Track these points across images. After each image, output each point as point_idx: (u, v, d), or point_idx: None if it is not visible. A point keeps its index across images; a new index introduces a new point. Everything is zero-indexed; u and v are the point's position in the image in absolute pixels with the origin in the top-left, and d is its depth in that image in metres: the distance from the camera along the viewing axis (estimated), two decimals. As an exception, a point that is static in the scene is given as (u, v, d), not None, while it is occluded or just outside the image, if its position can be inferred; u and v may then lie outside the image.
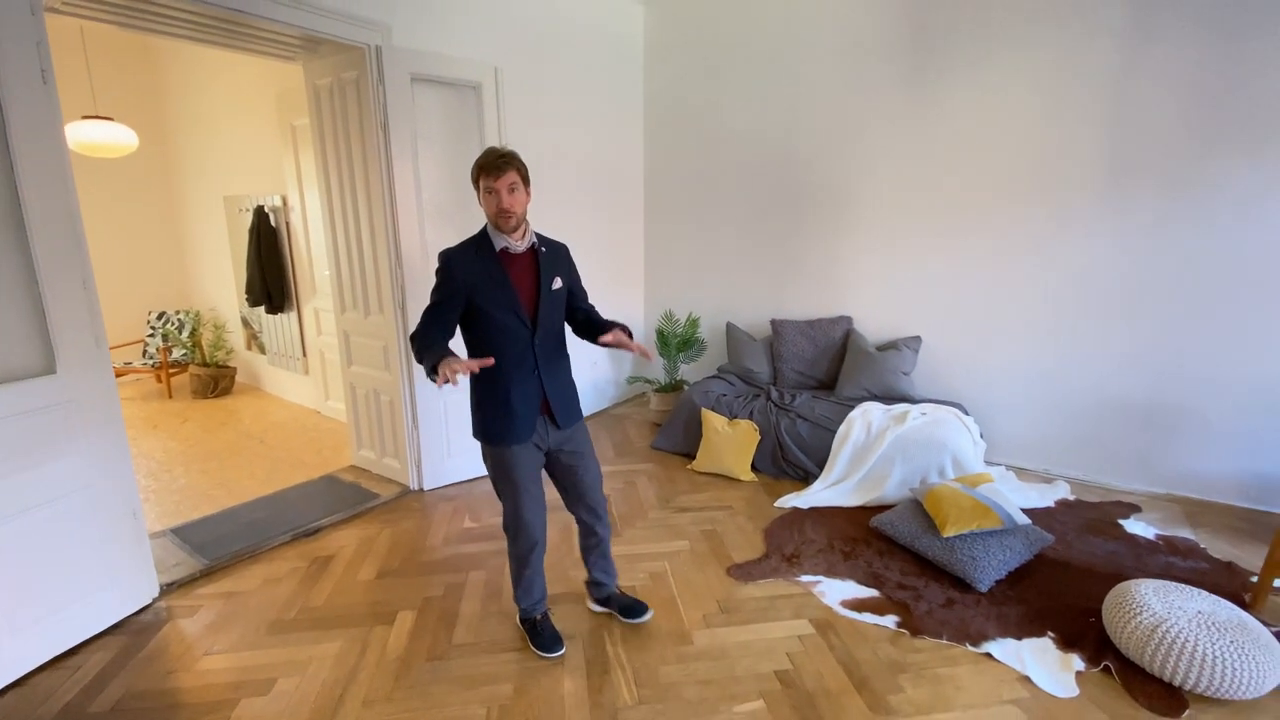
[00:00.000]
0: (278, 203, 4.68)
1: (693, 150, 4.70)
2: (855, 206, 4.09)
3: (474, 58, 3.37)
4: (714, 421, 3.70)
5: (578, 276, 2.18)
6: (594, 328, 2.09)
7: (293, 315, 4.90)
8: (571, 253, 2.17)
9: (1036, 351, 3.63)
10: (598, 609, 2.39)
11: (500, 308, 1.94)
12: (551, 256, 2.05)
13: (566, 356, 2.14)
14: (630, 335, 2.05)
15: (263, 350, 5.41)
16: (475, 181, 1.92)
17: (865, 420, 3.47)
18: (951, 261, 3.81)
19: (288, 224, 4.69)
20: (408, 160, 3.14)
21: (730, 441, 3.61)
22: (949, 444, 3.23)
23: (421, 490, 3.51)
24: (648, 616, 2.30)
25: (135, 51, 5.53)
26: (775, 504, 3.32)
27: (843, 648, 2.21)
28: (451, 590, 2.58)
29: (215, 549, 2.86)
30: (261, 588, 2.60)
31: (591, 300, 2.26)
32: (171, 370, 5.41)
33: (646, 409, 4.85)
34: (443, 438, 3.51)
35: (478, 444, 3.69)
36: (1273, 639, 1.98)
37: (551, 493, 2.25)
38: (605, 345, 1.99)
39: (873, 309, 4.15)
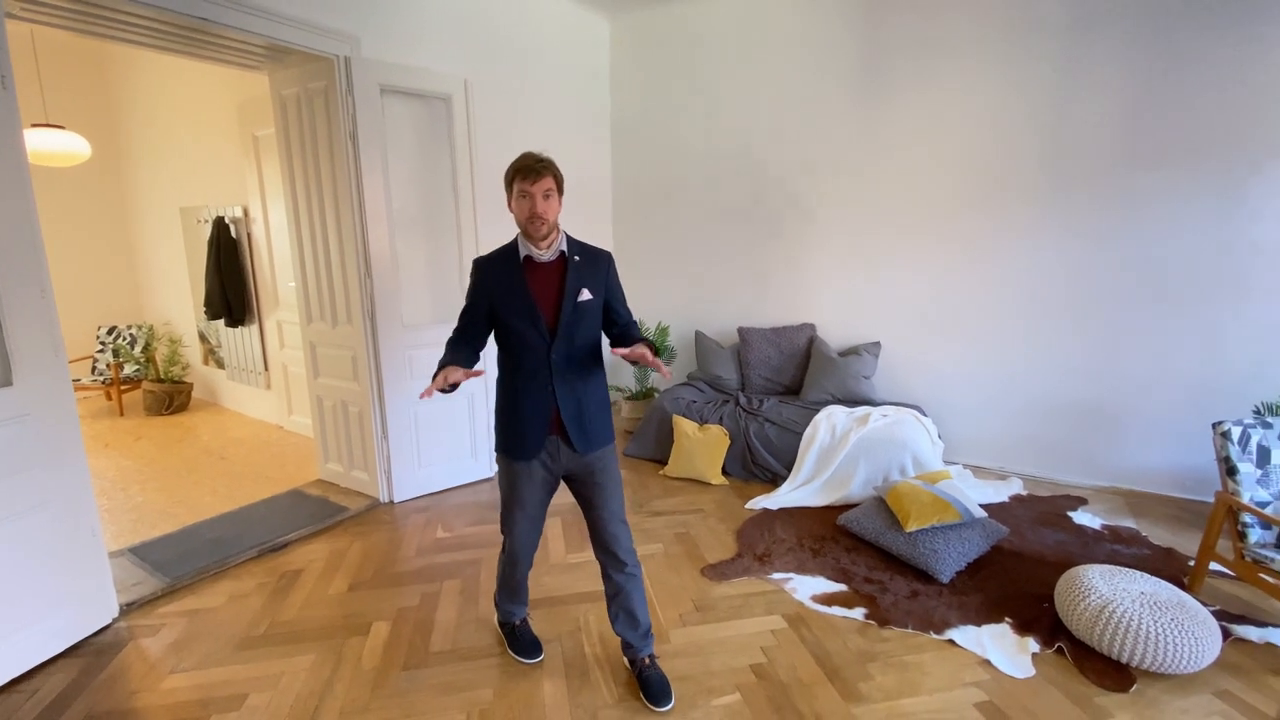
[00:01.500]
0: (239, 213, 4.60)
1: (659, 162, 4.80)
2: (816, 218, 4.25)
3: (444, 70, 3.40)
4: (685, 427, 3.77)
5: (618, 288, 2.03)
6: (623, 343, 1.96)
7: (254, 328, 4.79)
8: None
9: (989, 356, 3.82)
10: (628, 667, 2.11)
11: (517, 316, 1.87)
12: (585, 266, 1.93)
13: (596, 376, 1.97)
14: (655, 352, 1.88)
15: (221, 365, 5.26)
16: (509, 184, 1.84)
17: (830, 423, 3.58)
18: (908, 270, 3.99)
19: (249, 235, 4.60)
20: (377, 171, 3.14)
21: (701, 446, 3.67)
22: (909, 444, 3.36)
23: (392, 502, 3.47)
24: (666, 708, 1.94)
25: (87, 58, 5.37)
26: (746, 506, 3.40)
27: (814, 640, 2.28)
28: (427, 599, 2.56)
29: (177, 567, 2.78)
30: (227, 604, 2.54)
31: None
32: (123, 387, 5.22)
33: (618, 417, 4.89)
34: (413, 448, 3.48)
35: (448, 454, 3.69)
36: (1210, 616, 2.12)
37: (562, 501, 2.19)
38: (625, 358, 1.82)
39: (835, 316, 4.30)
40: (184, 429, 4.85)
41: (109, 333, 5.43)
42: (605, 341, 2.02)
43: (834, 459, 3.44)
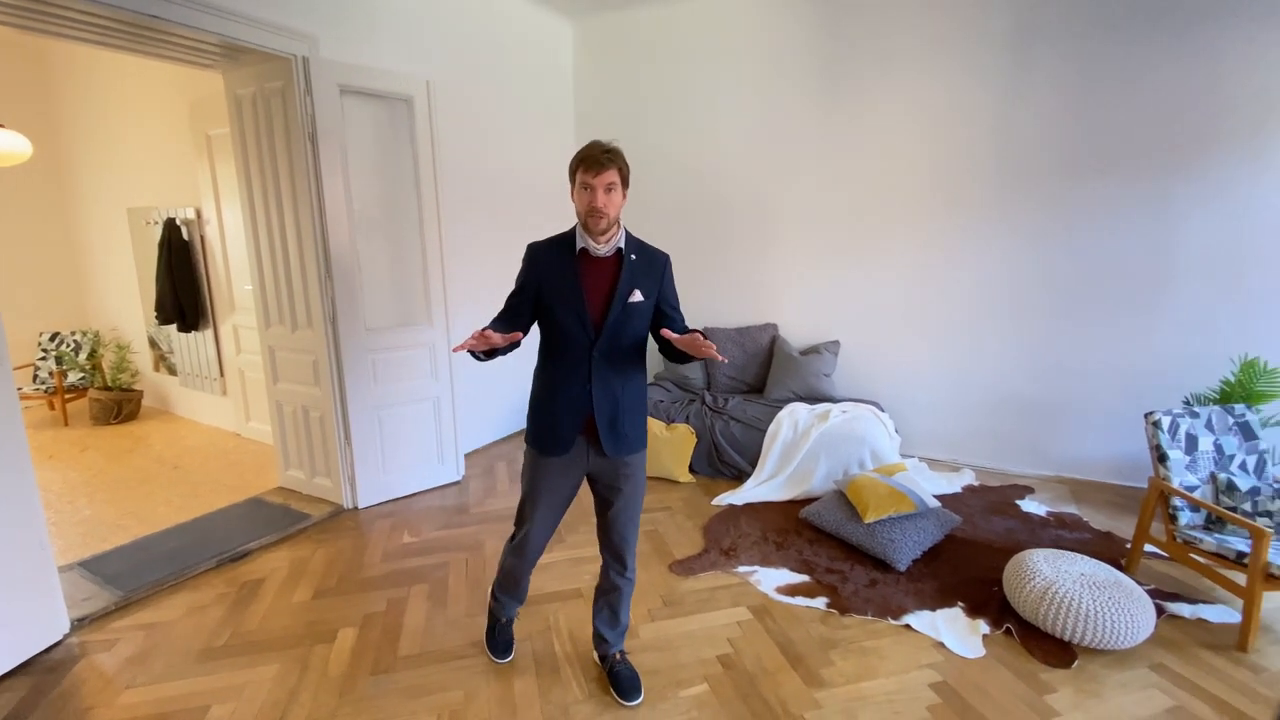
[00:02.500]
0: (191, 215, 4.46)
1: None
2: (777, 221, 4.35)
3: (405, 71, 3.37)
4: (652, 427, 3.82)
5: (672, 292, 1.95)
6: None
7: (208, 333, 4.65)
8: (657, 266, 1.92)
9: (942, 353, 3.98)
10: (598, 663, 2.16)
11: (564, 309, 1.81)
12: (641, 265, 1.85)
13: (636, 380, 1.90)
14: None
15: (173, 371, 5.09)
16: (572, 173, 1.77)
17: (792, 420, 3.67)
18: (864, 271, 4.12)
19: (202, 237, 4.47)
20: (338, 172, 3.10)
21: (668, 445, 3.73)
22: (868, 438, 3.47)
23: (356, 508, 3.42)
24: (636, 702, 1.99)
25: (26, 53, 5.13)
26: (712, 502, 3.47)
27: (778, 630, 2.35)
28: (394, 605, 2.54)
29: (130, 580, 2.69)
30: (185, 616, 2.48)
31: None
32: (68, 395, 5.00)
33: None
34: (377, 453, 3.44)
35: (414, 458, 3.66)
36: (1145, 594, 2.26)
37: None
38: (680, 347, 1.75)
39: (796, 316, 4.41)
40: (134, 438, 4.67)
41: (52, 339, 5.20)
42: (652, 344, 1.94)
43: (796, 455, 3.54)
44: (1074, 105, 3.43)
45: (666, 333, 1.79)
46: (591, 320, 1.80)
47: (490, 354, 1.78)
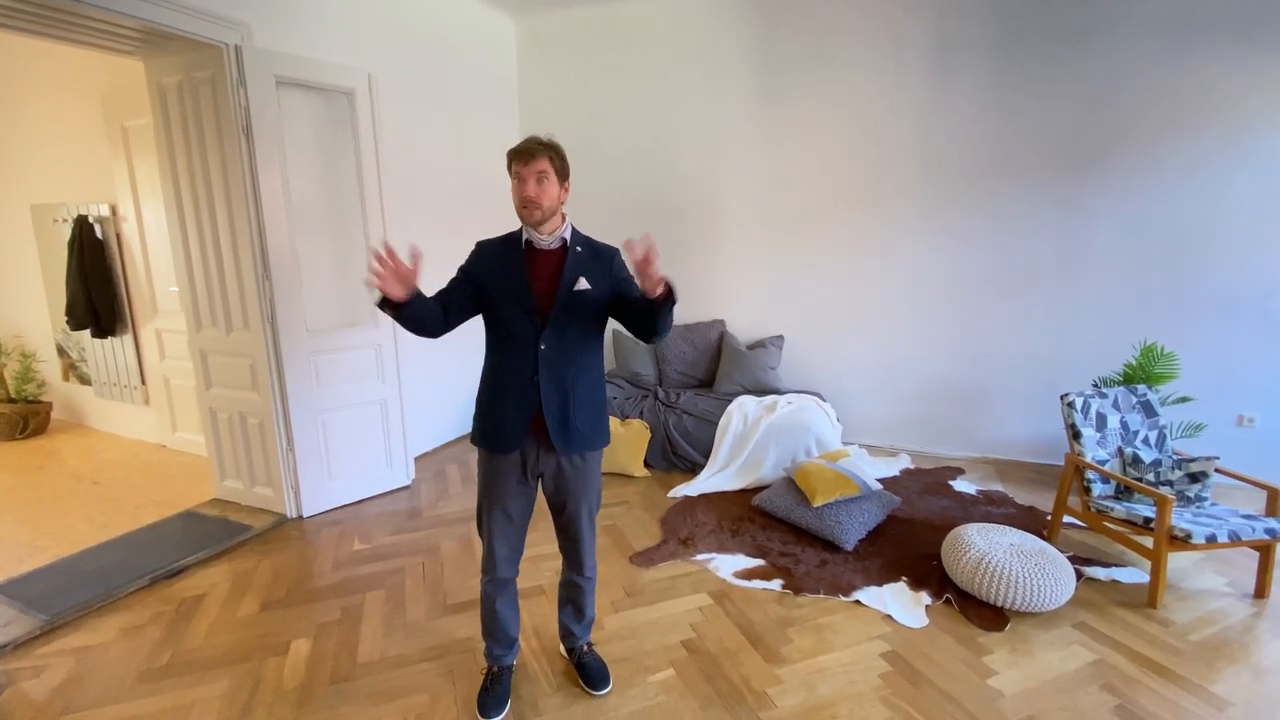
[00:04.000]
0: (105, 212, 4.16)
1: (571, 164, 4.82)
2: (723, 220, 4.46)
3: (345, 63, 3.26)
4: (605, 423, 3.85)
5: (630, 279, 1.86)
6: (645, 308, 1.78)
7: (127, 338, 4.35)
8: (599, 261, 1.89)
9: (877, 345, 4.19)
10: (566, 656, 2.18)
11: (508, 299, 1.79)
12: (586, 257, 1.84)
13: (588, 373, 1.85)
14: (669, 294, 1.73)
15: (85, 380, 4.73)
16: (509, 169, 1.78)
17: (742, 412, 3.79)
18: (805, 269, 4.29)
19: (119, 236, 4.17)
20: (275, 167, 2.98)
21: (623, 441, 3.76)
22: (813, 427, 3.62)
23: (301, 518, 3.29)
24: (605, 691, 2.02)
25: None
26: (668, 494, 3.53)
27: (738, 612, 2.44)
28: (349, 613, 2.48)
29: (55, 602, 2.51)
30: (120, 638, 2.33)
31: None
32: (-38, 410, 4.57)
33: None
34: (322, 459, 3.32)
35: (361, 463, 3.55)
36: (1065, 561, 2.47)
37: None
38: (650, 284, 1.66)
39: (742, 312, 4.54)
40: (44, 454, 4.33)
41: (-59, 349, 4.73)
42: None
43: (747, 445, 3.65)
44: (991, 112, 3.69)
45: (645, 283, 1.66)
46: (537, 308, 1.77)
47: (399, 309, 1.65)
